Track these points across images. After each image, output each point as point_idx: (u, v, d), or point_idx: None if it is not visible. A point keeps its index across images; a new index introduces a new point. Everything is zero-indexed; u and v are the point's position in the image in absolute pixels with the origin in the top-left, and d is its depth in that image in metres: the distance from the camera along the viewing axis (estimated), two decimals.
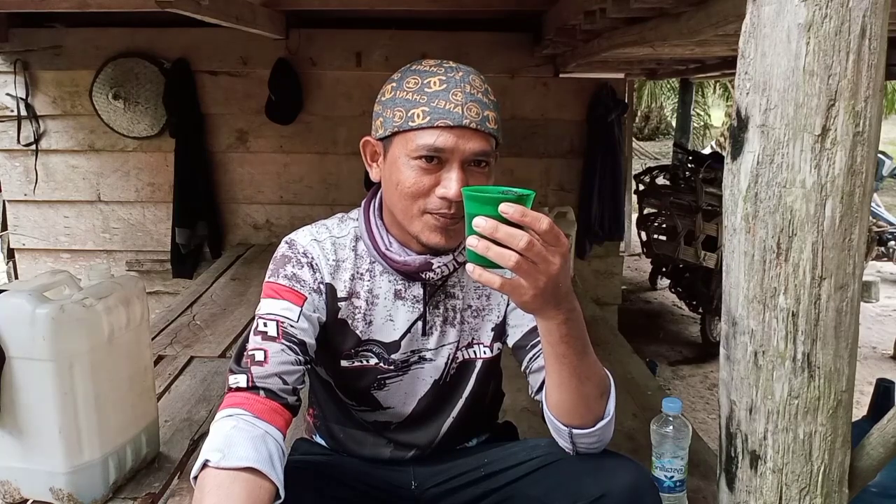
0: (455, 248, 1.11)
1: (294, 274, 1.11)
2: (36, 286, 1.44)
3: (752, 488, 1.02)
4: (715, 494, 1.19)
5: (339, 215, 1.20)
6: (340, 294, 1.13)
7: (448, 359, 1.18)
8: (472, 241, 0.86)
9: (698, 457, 1.71)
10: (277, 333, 1.05)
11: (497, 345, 1.21)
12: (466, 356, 1.19)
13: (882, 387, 1.98)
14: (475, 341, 1.19)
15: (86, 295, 1.47)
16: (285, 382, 1.03)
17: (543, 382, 1.08)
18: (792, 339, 0.95)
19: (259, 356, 1.03)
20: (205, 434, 1.84)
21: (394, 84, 1.08)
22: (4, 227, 4.08)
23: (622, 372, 2.37)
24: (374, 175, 1.13)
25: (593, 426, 1.05)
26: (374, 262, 1.15)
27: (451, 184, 1.01)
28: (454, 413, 1.22)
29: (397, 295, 1.15)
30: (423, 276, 1.12)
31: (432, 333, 1.16)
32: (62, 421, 1.43)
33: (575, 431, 1.05)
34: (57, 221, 4.05)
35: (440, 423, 1.22)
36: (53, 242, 4.07)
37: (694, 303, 4.55)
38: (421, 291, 1.15)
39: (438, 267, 1.11)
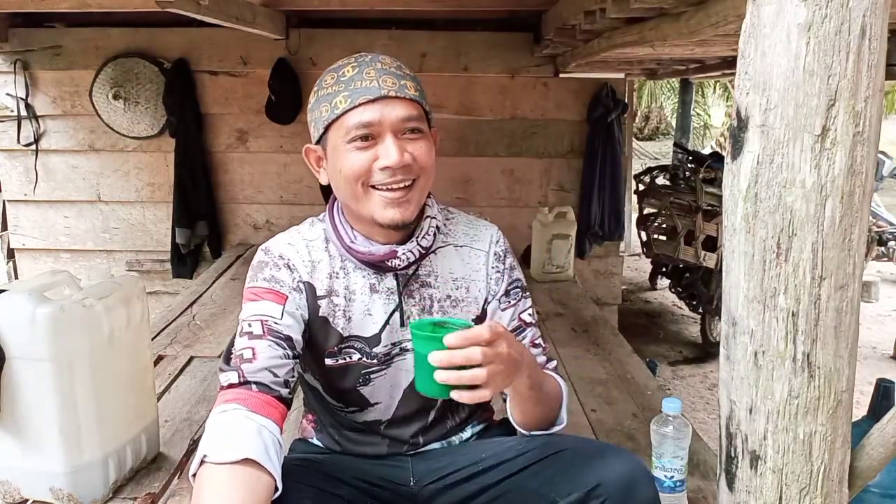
0: (412, 222, 1.13)
1: (272, 276, 1.13)
2: (36, 286, 1.44)
3: (752, 488, 1.02)
4: (715, 494, 1.19)
5: (310, 219, 1.23)
6: (320, 292, 1.15)
7: None
8: (442, 376, 0.93)
9: (698, 457, 1.71)
10: (263, 331, 1.06)
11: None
12: None
13: (882, 387, 1.98)
14: None
15: (86, 295, 1.47)
16: (276, 376, 1.04)
17: None
18: (792, 339, 0.95)
19: (247, 354, 1.04)
20: None
21: (315, 89, 1.14)
22: (4, 227, 4.08)
23: (622, 372, 2.37)
24: (322, 180, 1.18)
25: (549, 429, 1.20)
26: (345, 260, 1.17)
27: (388, 152, 1.06)
28: (440, 401, 1.23)
29: (372, 289, 1.17)
30: (389, 263, 1.14)
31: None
32: (62, 421, 1.43)
33: (534, 433, 1.20)
34: (57, 221, 4.05)
35: (428, 412, 1.24)
36: (53, 242, 4.07)
37: (694, 303, 4.55)
38: (394, 283, 1.18)
39: (403, 254, 1.14)
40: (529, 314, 1.24)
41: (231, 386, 1.03)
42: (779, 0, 0.88)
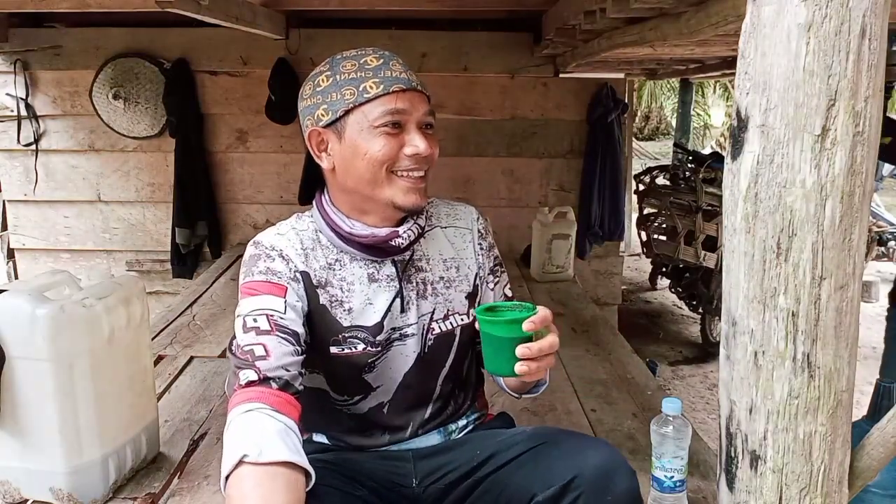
0: (422, 210, 1.18)
1: (268, 268, 1.12)
2: (36, 286, 1.44)
3: (752, 488, 1.02)
4: (715, 494, 1.19)
5: (296, 215, 1.23)
6: (315, 281, 1.15)
7: (424, 329, 1.21)
8: (523, 368, 1.01)
9: (698, 457, 1.71)
10: (270, 327, 1.06)
11: (472, 310, 1.26)
12: (445, 328, 1.22)
13: (882, 387, 1.98)
14: (451, 312, 1.23)
15: (86, 295, 1.47)
16: (289, 372, 1.05)
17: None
18: (792, 339, 0.95)
19: (259, 351, 1.04)
20: (205, 434, 1.85)
21: (326, 74, 1.13)
22: (4, 227, 4.07)
23: (622, 372, 2.37)
24: (325, 164, 1.16)
25: (538, 390, 1.28)
26: (341, 252, 1.17)
27: (418, 142, 1.10)
28: (440, 383, 1.24)
29: (371, 278, 1.18)
30: (393, 243, 1.15)
31: (409, 308, 1.19)
32: (62, 421, 1.43)
33: (524, 395, 1.28)
34: (57, 221, 4.05)
35: (429, 394, 1.25)
36: (53, 242, 4.07)
37: (694, 303, 4.55)
38: (393, 270, 1.19)
39: (405, 232, 1.16)
40: (510, 288, 1.32)
41: (250, 384, 1.02)
42: (779, 0, 0.88)
